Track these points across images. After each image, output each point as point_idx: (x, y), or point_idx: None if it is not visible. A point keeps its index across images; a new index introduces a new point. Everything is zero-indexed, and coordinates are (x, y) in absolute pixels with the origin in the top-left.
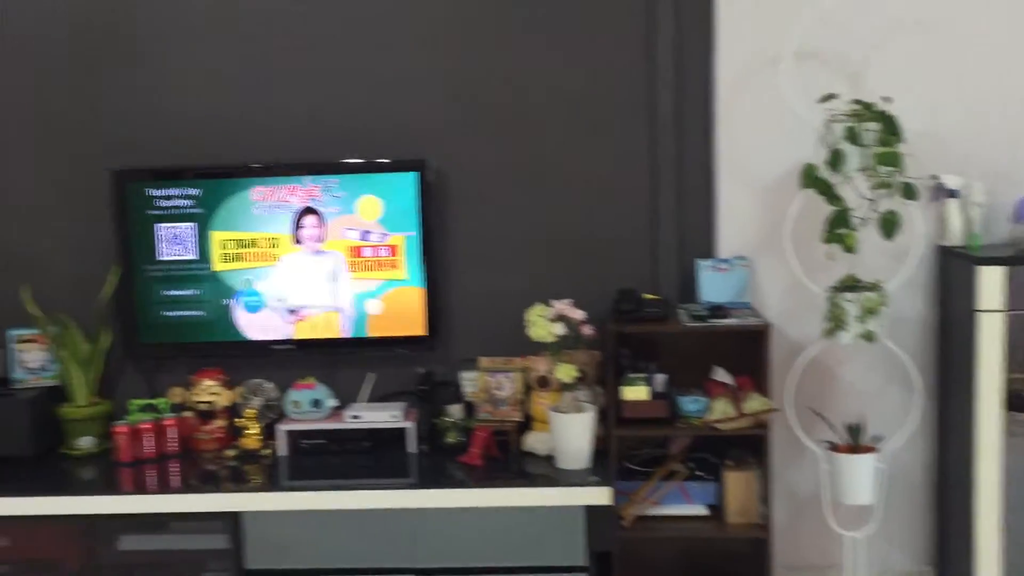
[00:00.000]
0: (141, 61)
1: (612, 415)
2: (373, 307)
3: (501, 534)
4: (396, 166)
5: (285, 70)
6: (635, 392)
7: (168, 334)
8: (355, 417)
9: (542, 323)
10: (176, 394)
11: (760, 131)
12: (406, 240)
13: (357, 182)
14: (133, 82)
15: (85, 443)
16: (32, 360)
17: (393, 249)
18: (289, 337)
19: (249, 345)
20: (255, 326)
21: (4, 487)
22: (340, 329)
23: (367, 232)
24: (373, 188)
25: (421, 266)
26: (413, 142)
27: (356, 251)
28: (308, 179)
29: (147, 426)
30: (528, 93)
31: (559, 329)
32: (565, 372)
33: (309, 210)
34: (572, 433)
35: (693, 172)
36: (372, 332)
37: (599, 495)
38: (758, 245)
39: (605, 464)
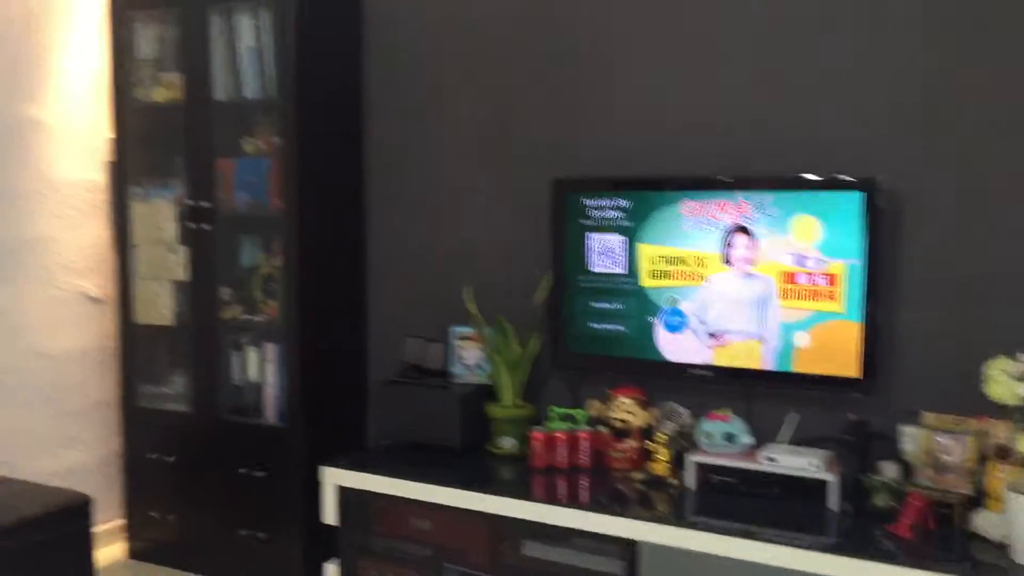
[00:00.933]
0: (585, 69)
1: None
2: (801, 340)
3: None
4: (839, 184)
5: (726, 80)
6: None
7: (591, 346)
8: (770, 459)
9: (1004, 380)
10: (594, 407)
11: None
12: (847, 268)
13: (793, 201)
14: (577, 89)
15: (507, 443)
16: (469, 357)
17: (831, 278)
18: (707, 362)
19: (666, 366)
20: (674, 347)
21: (431, 474)
22: (762, 360)
23: (803, 257)
24: (811, 208)
25: (862, 299)
26: (860, 160)
27: (789, 277)
28: (740, 195)
29: (562, 436)
30: (1002, 109)
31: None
32: None
33: (741, 229)
34: None
35: None
36: (797, 367)
37: None
38: None
39: None
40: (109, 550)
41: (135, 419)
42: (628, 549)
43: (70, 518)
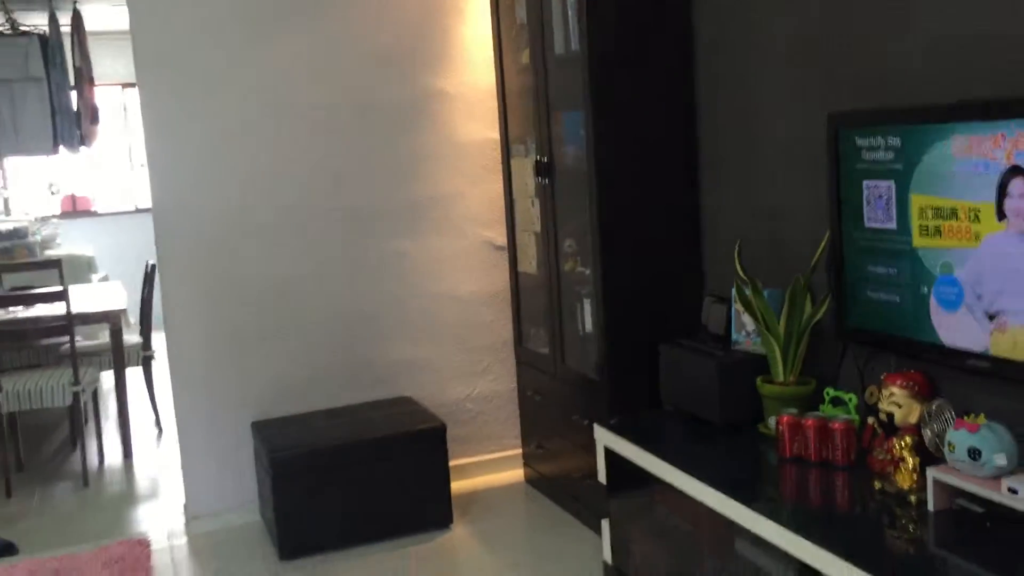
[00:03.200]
0: None
1: None
2: None
3: None
4: None
5: None
6: None
7: (869, 319)
8: (1011, 490)
9: None
10: (872, 393)
11: None
12: None
13: None
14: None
15: (774, 424)
16: (749, 323)
17: None
18: (984, 351)
19: (941, 351)
20: (948, 327)
21: (666, 449)
22: None
23: None
24: None
25: None
26: None
27: None
28: (1017, 123)
29: (811, 423)
30: None
31: None
32: None
33: (1018, 170)
34: None
35: None
36: None
37: None
38: None
39: None
40: (512, 473)
41: (522, 359)
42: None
43: (432, 439)
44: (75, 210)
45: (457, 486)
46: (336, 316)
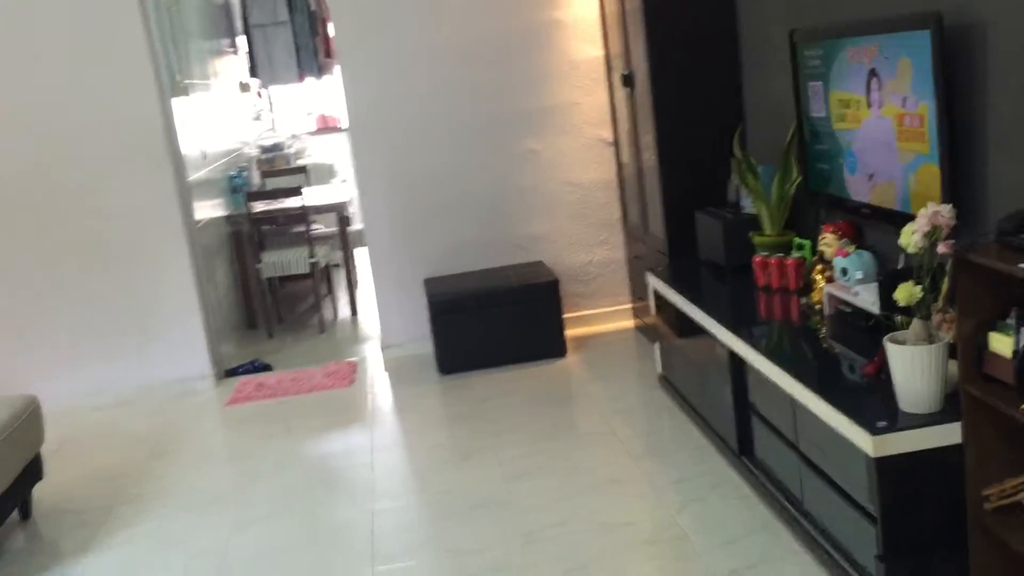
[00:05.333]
0: None
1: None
2: (912, 182)
3: None
4: (909, 23)
5: None
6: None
7: (819, 184)
8: (855, 294)
9: (906, 231)
10: (824, 239)
11: None
12: (929, 109)
13: (897, 42)
14: None
15: None
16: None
17: (920, 120)
18: (867, 202)
19: (850, 205)
20: (852, 187)
21: (673, 277)
22: (896, 201)
23: (904, 99)
24: (907, 49)
25: (938, 142)
26: None
27: (899, 119)
28: (873, 39)
29: (773, 261)
30: None
31: (920, 240)
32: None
33: (873, 72)
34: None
35: None
36: (912, 209)
37: None
38: None
39: None
40: (624, 323)
41: (628, 233)
42: (732, 360)
43: (549, 291)
44: (326, 127)
45: (579, 331)
46: (484, 198)
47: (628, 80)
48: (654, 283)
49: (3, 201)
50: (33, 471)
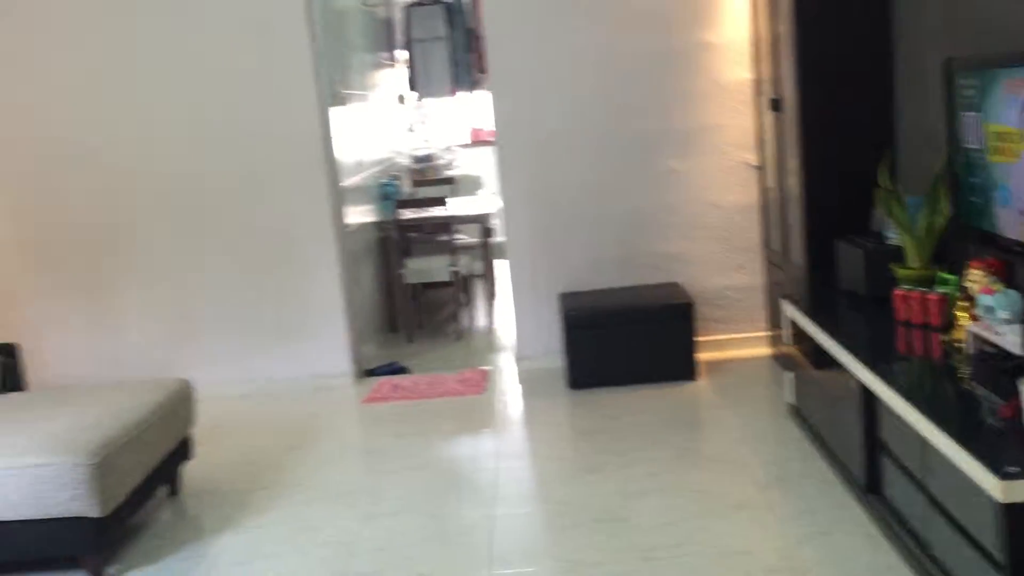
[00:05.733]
0: None
1: None
2: None
3: None
4: None
5: None
6: None
7: (970, 217)
8: (999, 334)
9: None
10: (971, 275)
11: None
12: None
13: None
14: None
15: None
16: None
17: None
18: (1019, 239)
19: (1001, 241)
20: (1005, 223)
21: (807, 304)
22: None
23: None
24: None
25: None
26: None
27: None
28: None
29: (915, 295)
30: None
31: None
32: None
33: None
34: None
35: None
36: None
37: None
38: None
39: None
40: (759, 350)
41: (769, 258)
42: (863, 395)
43: (683, 312)
44: (478, 140)
45: (712, 355)
46: (623, 216)
47: (776, 104)
48: (789, 311)
49: (171, 201)
50: (183, 451)
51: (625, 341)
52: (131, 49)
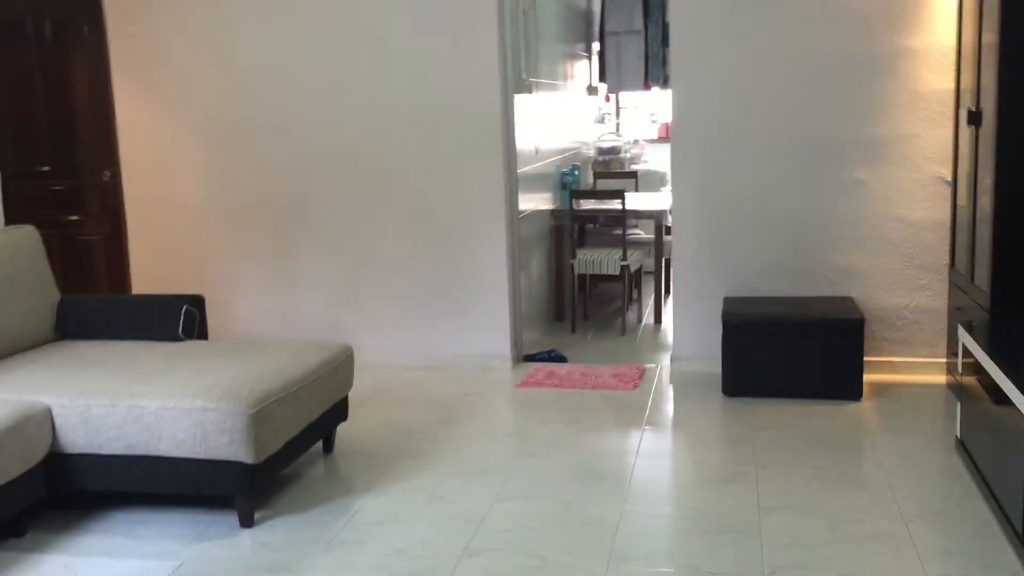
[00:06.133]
0: None
1: None
2: None
3: None
4: None
5: None
6: None
7: None
8: None
9: None
10: None
11: None
12: None
13: None
14: None
15: None
16: None
17: None
18: None
19: None
20: None
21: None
22: None
23: None
24: None
25: None
26: None
27: None
28: None
29: None
30: None
31: None
32: None
33: None
34: None
35: None
36: None
37: None
38: None
39: None
40: (933, 377)
41: (954, 280)
42: None
43: (853, 329)
44: (667, 136)
45: (881, 377)
46: (799, 224)
47: (974, 117)
48: (964, 338)
49: (354, 175)
50: (339, 412)
51: (788, 352)
52: (328, 32)
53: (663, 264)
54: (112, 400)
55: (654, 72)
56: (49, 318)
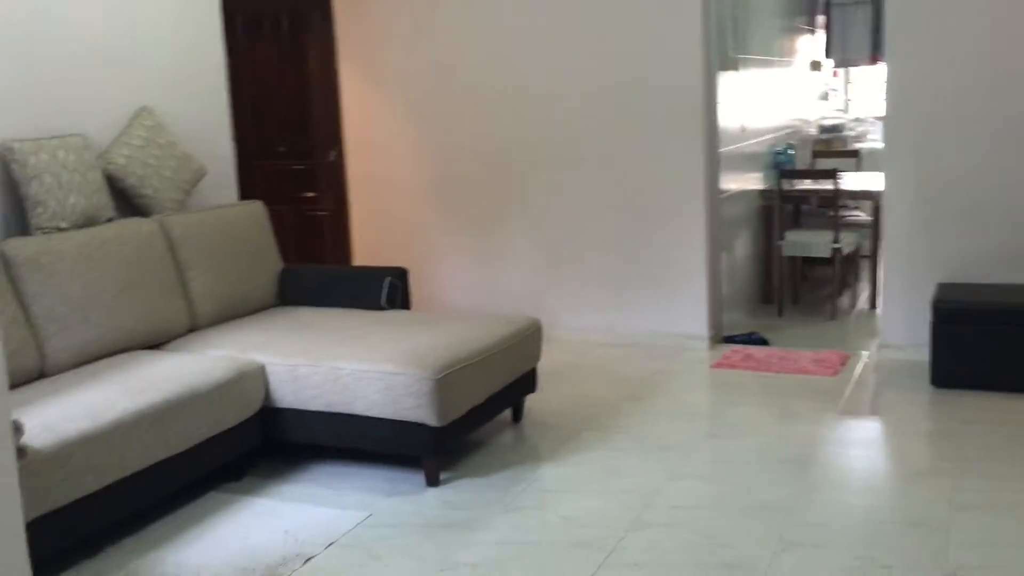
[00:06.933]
0: None
1: None
2: None
3: None
4: None
5: None
6: None
7: None
8: None
9: None
10: None
11: None
12: None
13: None
14: None
15: None
16: None
17: None
18: None
19: None
20: None
21: None
22: None
23: None
24: None
25: None
26: None
27: None
28: None
29: None
30: None
31: None
32: None
33: None
34: None
35: None
36: None
37: None
38: None
39: None
40: None
41: None
42: None
43: None
44: None
45: None
46: (1018, 207)
47: None
48: None
49: (558, 154)
50: (527, 382)
51: (1005, 343)
52: (533, 18)
53: (877, 247)
54: (316, 361)
55: (883, 45)
56: (272, 285)
